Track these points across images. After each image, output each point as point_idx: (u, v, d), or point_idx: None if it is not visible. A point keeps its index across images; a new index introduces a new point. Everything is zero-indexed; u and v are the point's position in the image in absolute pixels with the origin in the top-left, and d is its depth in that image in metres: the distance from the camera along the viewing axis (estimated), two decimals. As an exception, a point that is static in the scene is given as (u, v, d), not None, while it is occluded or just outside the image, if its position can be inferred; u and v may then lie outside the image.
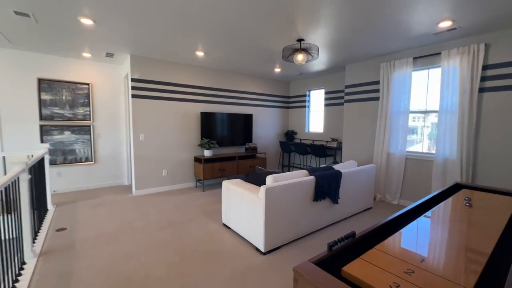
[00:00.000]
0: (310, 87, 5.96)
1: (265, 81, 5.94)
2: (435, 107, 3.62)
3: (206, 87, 4.95)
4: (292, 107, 6.47)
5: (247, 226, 2.54)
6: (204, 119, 4.84)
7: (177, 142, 4.65)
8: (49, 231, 2.80)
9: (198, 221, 3.15)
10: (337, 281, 0.85)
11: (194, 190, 4.60)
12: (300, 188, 2.59)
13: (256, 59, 4.29)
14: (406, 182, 3.83)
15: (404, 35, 3.11)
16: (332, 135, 5.47)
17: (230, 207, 2.82)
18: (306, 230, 2.72)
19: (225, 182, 2.94)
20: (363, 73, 4.35)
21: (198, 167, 4.62)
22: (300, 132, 6.29)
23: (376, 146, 4.09)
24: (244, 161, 5.06)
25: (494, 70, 2.97)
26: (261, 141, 6.00)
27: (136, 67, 4.10)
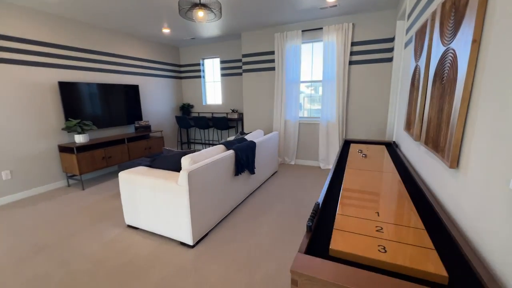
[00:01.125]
0: (204, 55, 5.48)
1: (151, 44, 4.89)
2: (319, 78, 4.21)
3: (67, 47, 3.47)
4: (185, 77, 5.81)
5: (165, 221, 2.09)
6: (67, 91, 3.46)
7: (24, 127, 3.12)
8: None
9: (88, 230, 2.32)
10: (350, 269, 0.74)
11: (67, 191, 3.38)
12: (221, 165, 2.36)
13: (138, 11, 3.35)
14: (300, 145, 4.41)
15: (295, 7, 3.26)
16: (232, 106, 5.41)
17: (137, 204, 2.22)
18: (229, 208, 2.59)
19: (123, 174, 2.25)
20: (259, 42, 4.37)
21: (69, 159, 3.37)
22: (197, 105, 5.82)
23: (275, 114, 4.39)
24: (136, 143, 4.16)
25: (357, 46, 3.71)
26: (153, 117, 5.11)
27: None
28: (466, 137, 0.97)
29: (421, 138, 1.57)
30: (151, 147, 4.45)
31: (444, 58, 1.22)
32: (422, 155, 1.58)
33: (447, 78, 1.17)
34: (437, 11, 1.36)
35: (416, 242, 0.87)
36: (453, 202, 1.06)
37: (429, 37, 1.49)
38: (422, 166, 1.57)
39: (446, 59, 1.19)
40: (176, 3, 3.02)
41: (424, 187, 1.35)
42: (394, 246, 0.85)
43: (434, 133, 1.30)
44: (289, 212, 2.61)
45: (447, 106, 1.13)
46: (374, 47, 3.61)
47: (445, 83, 1.19)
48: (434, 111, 1.33)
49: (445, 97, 1.17)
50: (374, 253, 0.82)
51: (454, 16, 1.12)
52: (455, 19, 1.10)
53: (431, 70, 1.42)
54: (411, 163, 1.85)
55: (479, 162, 0.87)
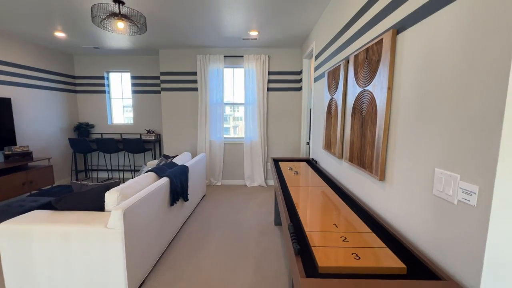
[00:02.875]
0: (109, 67, 4.75)
1: (37, 49, 3.80)
2: (241, 100, 4.46)
3: None
4: (82, 92, 4.80)
5: (83, 281, 1.61)
6: None
7: None
8: None
9: None
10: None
11: None
12: (156, 197, 2.08)
13: (25, 6, 2.59)
14: (226, 164, 4.45)
15: (220, 34, 3.42)
16: (147, 126, 4.87)
17: (31, 267, 1.60)
18: (166, 243, 2.28)
19: (5, 225, 1.59)
20: (180, 62, 4.23)
21: None
22: (99, 125, 4.88)
23: (199, 135, 4.28)
24: (7, 177, 3.02)
25: (273, 75, 4.23)
26: (34, 141, 3.88)
27: None
28: (388, 156, 1.32)
29: (344, 156, 1.96)
30: (33, 181, 3.34)
31: (361, 96, 1.61)
32: (346, 170, 1.96)
33: (366, 112, 1.54)
34: (350, 60, 1.80)
35: (374, 244, 1.08)
36: (384, 208, 1.38)
37: (344, 77, 1.93)
38: (347, 179, 1.94)
39: (364, 97, 1.57)
40: (87, 6, 2.55)
41: (354, 197, 1.68)
42: (361, 251, 1.03)
43: (358, 153, 1.66)
44: (229, 237, 2.56)
45: (370, 133, 1.49)
46: (286, 77, 4.22)
47: (365, 115, 1.56)
48: (356, 136, 1.71)
49: (366, 126, 1.54)
50: (352, 261, 0.96)
51: (367, 67, 1.52)
52: (369, 69, 1.50)
53: (349, 103, 1.83)
54: (334, 177, 2.25)
55: (401, 175, 1.20)
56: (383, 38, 1.34)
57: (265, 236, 2.56)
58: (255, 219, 2.97)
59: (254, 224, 2.84)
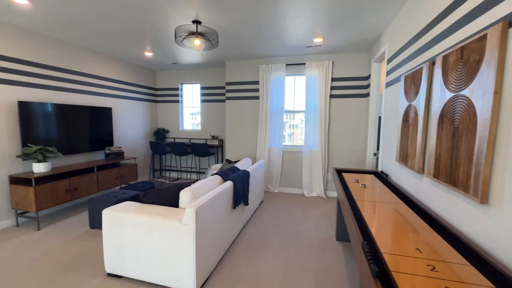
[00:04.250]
0: (182, 80, 5.38)
1: (127, 66, 4.63)
2: (301, 108, 4.42)
3: (31, 63, 3.05)
4: (161, 101, 5.57)
5: (162, 266, 1.81)
6: (28, 112, 2.99)
7: (-37, 154, 2.54)
8: None
9: (55, 285, 1.88)
10: None
11: (17, 232, 2.76)
12: (222, 198, 2.21)
13: (123, 34, 3.18)
14: (283, 172, 4.44)
15: (284, 43, 3.48)
16: (212, 132, 5.29)
17: (124, 247, 1.90)
18: (228, 244, 2.39)
19: (108, 212, 1.94)
20: (243, 72, 4.48)
21: (23, 193, 2.80)
22: (173, 130, 5.55)
23: (259, 142, 4.40)
24: (106, 172, 3.70)
25: (336, 82, 4.06)
26: (125, 143, 4.68)
27: None
28: (495, 174, 1.08)
29: (425, 171, 1.70)
30: (123, 176, 4.00)
31: (453, 102, 1.38)
32: (428, 188, 1.70)
33: (460, 120, 1.31)
34: (437, 62, 1.57)
35: (475, 281, 0.89)
36: (487, 236, 1.13)
37: (428, 81, 1.70)
38: (429, 198, 1.68)
39: (457, 104, 1.35)
40: (172, 30, 2.97)
41: (440, 219, 1.43)
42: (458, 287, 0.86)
43: (447, 168, 1.42)
44: (289, 247, 2.52)
45: (465, 145, 1.26)
46: (350, 83, 3.99)
47: (458, 124, 1.33)
48: (444, 148, 1.47)
49: (460, 137, 1.30)
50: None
51: (462, 68, 1.30)
52: (465, 71, 1.28)
53: (434, 110, 1.59)
54: (411, 194, 1.98)
55: (517, 200, 0.96)
56: (487, 33, 1.13)
57: (327, 251, 2.42)
58: (315, 231, 2.85)
59: (314, 237, 2.73)
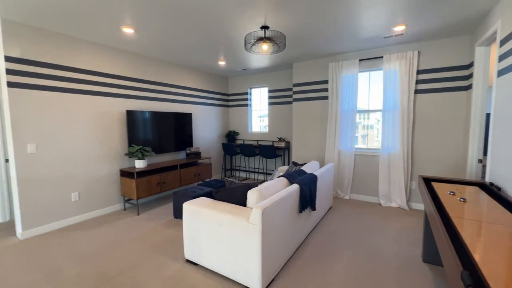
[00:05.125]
0: (251, 84, 5.64)
1: (203, 75, 5.19)
2: (377, 106, 3.96)
3: (134, 79, 3.80)
4: (232, 106, 5.98)
5: (230, 261, 1.92)
6: (132, 119, 3.70)
7: (92, 152, 3.35)
8: None
9: (147, 263, 2.24)
10: None
11: (124, 215, 3.45)
12: (288, 201, 2.17)
13: (203, 47, 3.57)
14: (355, 177, 4.06)
15: (357, 36, 3.18)
16: (279, 134, 5.34)
17: (199, 237, 2.11)
18: (293, 249, 2.34)
19: (187, 205, 2.19)
20: (311, 72, 4.35)
21: (129, 184, 3.49)
22: (242, 133, 5.88)
23: (328, 144, 4.17)
24: (186, 169, 4.21)
25: (424, 75, 3.44)
26: (202, 144, 5.23)
27: (14, 40, 2.63)
28: None
29: None
30: (200, 173, 4.48)
31: None
32: None
33: None
34: None
35: None
36: None
37: None
38: None
39: None
40: (242, 38, 3.15)
41: None
42: None
43: None
44: (362, 261, 2.27)
45: None
46: (444, 75, 3.32)
47: None
48: None
49: None
50: None
51: None
52: None
53: None
54: (542, 215, 1.47)
55: None
56: None
57: (410, 273, 2.06)
58: (395, 248, 2.48)
59: (392, 254, 2.37)
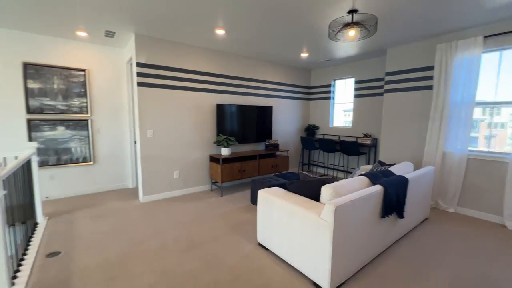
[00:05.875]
0: (336, 76, 5.29)
1: (286, 69, 5.25)
2: (509, 98, 2.98)
3: (222, 75, 4.26)
4: (314, 99, 5.81)
5: (299, 253, 1.92)
6: (221, 112, 4.17)
7: (190, 139, 3.99)
8: (38, 257, 2.17)
9: (225, 239, 2.53)
10: None
11: (210, 195, 3.97)
12: (368, 203, 1.96)
13: (286, 40, 3.61)
14: (467, 187, 3.23)
15: (481, 4, 2.44)
16: (364, 130, 4.84)
17: (271, 225, 2.20)
18: (371, 256, 2.12)
19: (262, 192, 2.31)
20: (411, 57, 3.68)
21: (215, 168, 3.98)
22: (323, 127, 5.64)
23: (428, 144, 3.47)
24: (265, 160, 4.42)
25: None
26: (280, 137, 5.36)
27: (142, 50, 3.41)
28: None
29: None
30: (277, 165, 4.62)
31: None
32: None
33: None
34: None
35: None
36: None
37: None
38: None
39: None
40: (326, 26, 3.00)
41: None
42: None
43: None
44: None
45: None
46: None
47: None
48: None
49: None
50: None
51: None
52: None
53: None
54: None
55: None
56: None
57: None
58: (522, 285, 1.86)
59: (517, 292, 1.79)
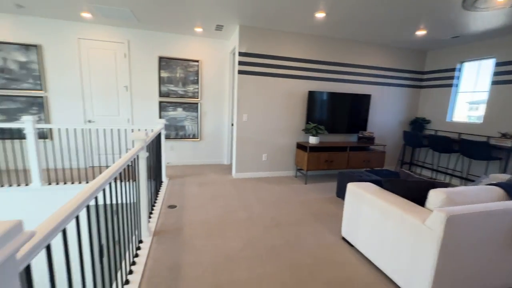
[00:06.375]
0: (464, 57, 4.16)
1: (392, 51, 4.53)
2: None
3: (316, 61, 4.12)
4: (427, 87, 4.81)
5: (390, 256, 1.73)
6: (312, 99, 4.09)
7: (279, 125, 4.14)
8: (163, 206, 2.85)
9: (308, 226, 2.56)
10: None
11: (294, 181, 4.05)
12: (497, 221, 1.52)
13: (397, 16, 3.10)
14: None
15: None
16: (503, 128, 3.67)
17: (358, 221, 2.06)
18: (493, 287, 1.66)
19: (353, 186, 2.17)
20: None
21: (301, 156, 4.00)
22: (436, 121, 4.64)
23: None
24: (356, 153, 4.08)
25: None
26: (377, 129, 4.77)
27: (244, 40, 3.71)
28: None
29: None
30: (370, 160, 4.18)
31: None
32: None
33: None
34: None
35: None
36: None
37: None
38: None
39: None
40: (458, -8, 2.38)
41: None
42: None
43: None
44: None
45: None
46: None
47: None
48: None
49: None
50: None
51: None
52: None
53: None
54: None
55: None
56: None
57: None
58: None
59: None
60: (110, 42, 4.05)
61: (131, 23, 3.81)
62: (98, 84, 4.12)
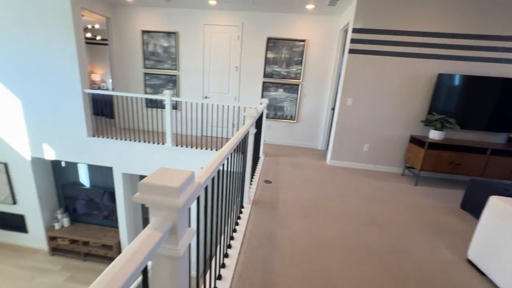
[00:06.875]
0: None
1: None
2: None
3: (454, 34, 3.22)
4: None
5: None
6: (441, 83, 3.28)
7: (390, 113, 3.58)
8: (260, 180, 3.08)
9: (418, 234, 2.18)
10: None
11: (401, 180, 3.50)
12: None
13: None
14: None
15: None
16: None
17: (500, 246, 1.57)
18: None
19: (499, 201, 1.65)
20: None
21: (415, 152, 3.37)
22: None
23: None
24: (501, 159, 3.08)
25: None
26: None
27: (362, 14, 3.29)
28: None
29: None
30: (523, 171, 3.07)
31: None
32: None
33: None
34: None
35: None
36: None
37: None
38: None
39: None
40: None
41: None
42: None
43: None
44: None
45: None
46: None
47: None
48: None
49: None
50: None
51: None
52: None
53: None
54: None
55: None
56: None
57: None
58: None
59: None
60: (227, 26, 4.48)
61: (247, 6, 4.05)
62: (215, 65, 4.71)
